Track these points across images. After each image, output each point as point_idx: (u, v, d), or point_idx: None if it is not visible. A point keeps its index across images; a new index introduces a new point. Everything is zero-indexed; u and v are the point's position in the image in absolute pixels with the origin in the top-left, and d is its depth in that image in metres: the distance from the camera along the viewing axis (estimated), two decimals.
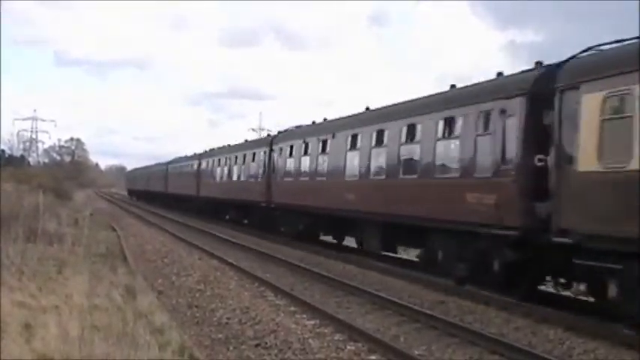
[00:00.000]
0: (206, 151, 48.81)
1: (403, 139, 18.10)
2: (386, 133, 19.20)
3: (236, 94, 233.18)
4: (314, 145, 24.86)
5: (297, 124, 30.10)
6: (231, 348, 10.65)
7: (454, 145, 15.92)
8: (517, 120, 13.66)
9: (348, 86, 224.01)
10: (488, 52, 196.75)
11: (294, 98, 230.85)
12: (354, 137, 21.30)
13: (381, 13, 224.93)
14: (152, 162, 79.14)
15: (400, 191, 18.27)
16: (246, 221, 36.88)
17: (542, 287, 14.88)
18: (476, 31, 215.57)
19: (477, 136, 14.94)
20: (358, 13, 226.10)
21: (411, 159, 17.90)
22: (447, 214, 15.77)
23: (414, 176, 17.55)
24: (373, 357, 10.05)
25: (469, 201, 14.84)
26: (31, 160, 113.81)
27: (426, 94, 18.81)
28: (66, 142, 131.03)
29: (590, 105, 11.56)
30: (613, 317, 11.58)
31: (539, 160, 13.08)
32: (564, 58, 13.19)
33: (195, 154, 51.86)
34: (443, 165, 16.42)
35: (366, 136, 20.48)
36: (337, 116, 25.37)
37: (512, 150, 13.75)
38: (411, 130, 17.76)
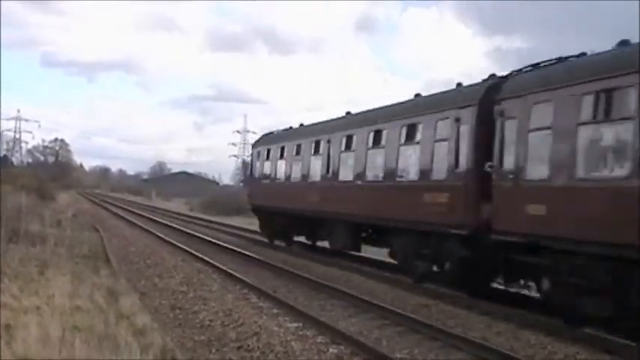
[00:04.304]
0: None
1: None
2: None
3: (223, 97, 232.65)
4: None
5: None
6: (213, 350, 10.64)
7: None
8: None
9: (336, 91, 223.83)
10: (475, 58, 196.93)
11: (281, 102, 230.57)
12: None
13: (368, 19, 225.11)
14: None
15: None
16: None
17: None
18: (462, 37, 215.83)
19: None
20: (346, 19, 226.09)
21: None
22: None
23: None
24: None
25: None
26: (15, 160, 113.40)
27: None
28: (50, 142, 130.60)
29: None
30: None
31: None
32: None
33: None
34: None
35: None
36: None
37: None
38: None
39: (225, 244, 26.90)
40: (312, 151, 23.70)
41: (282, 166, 26.70)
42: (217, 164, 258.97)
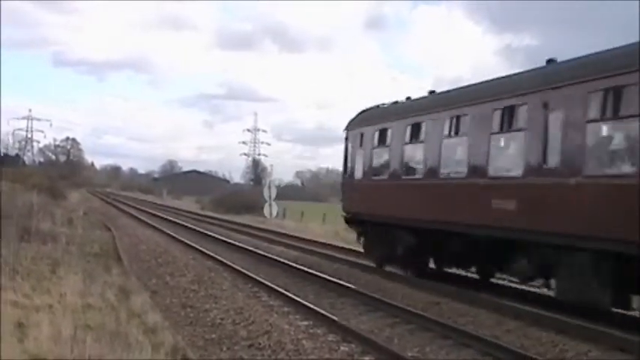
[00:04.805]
0: None
1: None
2: None
3: (233, 95, 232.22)
4: None
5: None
6: (224, 348, 10.66)
7: None
8: None
9: (346, 88, 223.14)
10: (485, 56, 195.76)
11: (291, 100, 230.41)
12: None
13: (377, 17, 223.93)
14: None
15: None
16: None
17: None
18: (472, 35, 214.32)
19: None
20: (355, 17, 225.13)
21: None
22: None
23: None
24: (366, 358, 10.06)
25: None
26: (27, 159, 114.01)
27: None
28: (61, 141, 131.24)
29: None
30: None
31: None
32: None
33: None
34: None
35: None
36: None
37: None
38: None
39: (236, 243, 26.94)
40: (497, 125, 14.06)
41: (414, 154, 17.36)
42: (228, 162, 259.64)
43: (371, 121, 19.72)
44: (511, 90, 13.96)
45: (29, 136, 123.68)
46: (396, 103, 19.51)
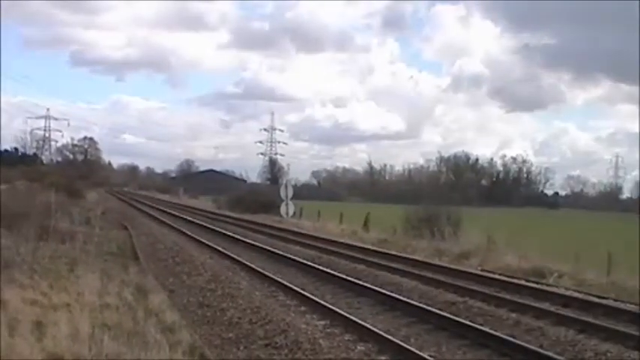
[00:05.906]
0: None
1: None
2: None
3: (250, 95, 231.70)
4: None
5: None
6: (241, 347, 10.67)
7: None
8: None
9: (364, 88, 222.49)
10: (503, 55, 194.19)
11: (308, 99, 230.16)
12: None
13: (395, 16, 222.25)
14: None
15: None
16: None
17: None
18: (490, 34, 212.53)
19: None
20: (373, 16, 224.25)
21: None
22: None
23: None
24: (383, 357, 10.03)
25: None
26: (44, 158, 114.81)
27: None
28: (79, 141, 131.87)
29: None
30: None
31: None
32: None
33: None
34: None
35: None
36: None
37: None
38: None
39: (253, 242, 26.94)
40: None
41: None
42: (244, 162, 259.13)
43: None
44: None
45: (47, 135, 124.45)
46: None
